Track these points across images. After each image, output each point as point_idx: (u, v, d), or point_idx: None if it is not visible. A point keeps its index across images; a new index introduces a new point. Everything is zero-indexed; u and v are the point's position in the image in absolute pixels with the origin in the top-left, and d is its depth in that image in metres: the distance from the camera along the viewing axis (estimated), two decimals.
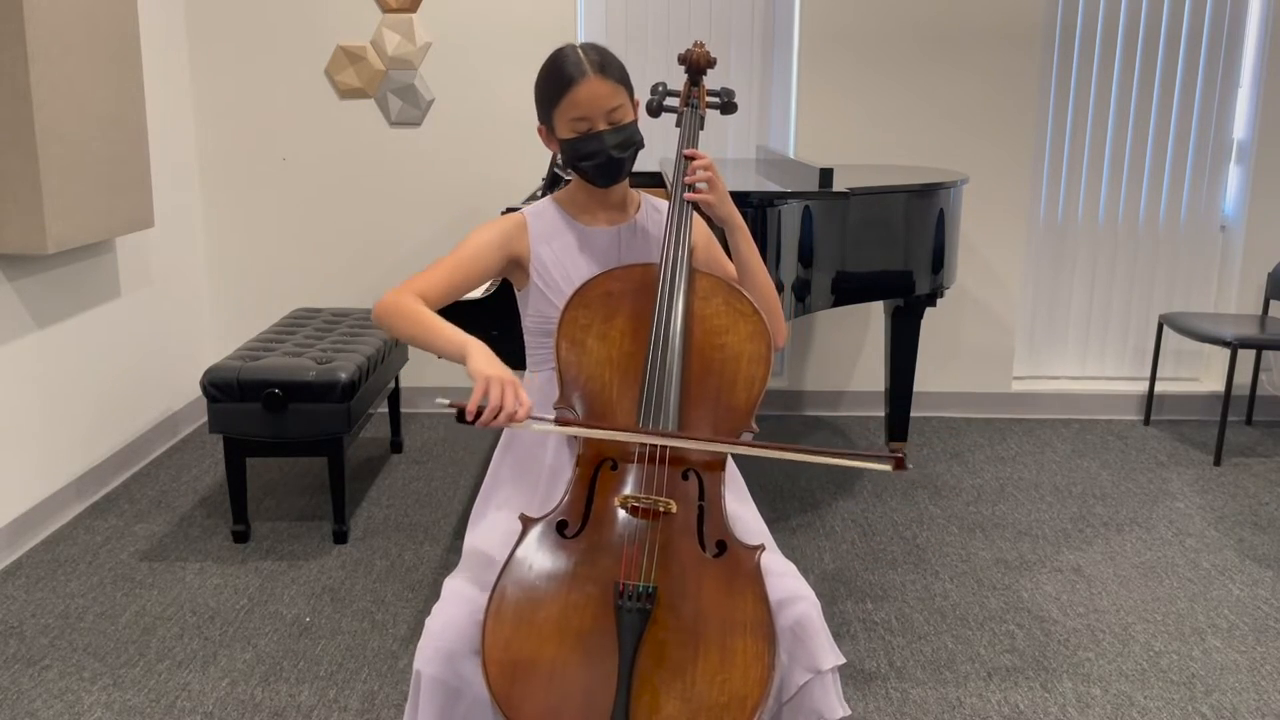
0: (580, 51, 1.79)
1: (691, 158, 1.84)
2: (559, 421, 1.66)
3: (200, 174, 4.41)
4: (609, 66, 1.79)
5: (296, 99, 4.35)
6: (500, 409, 1.58)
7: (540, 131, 1.88)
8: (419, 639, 1.64)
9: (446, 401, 1.62)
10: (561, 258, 1.87)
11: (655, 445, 1.68)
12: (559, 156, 3.40)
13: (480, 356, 1.65)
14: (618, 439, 1.67)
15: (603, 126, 1.79)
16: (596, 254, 1.89)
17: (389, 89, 4.32)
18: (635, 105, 1.85)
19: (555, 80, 1.79)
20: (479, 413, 1.58)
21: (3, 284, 3.10)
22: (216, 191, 4.43)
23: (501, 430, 1.92)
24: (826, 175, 3.17)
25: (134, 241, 3.87)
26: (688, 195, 1.83)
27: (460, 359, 1.67)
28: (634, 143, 1.82)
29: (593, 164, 1.81)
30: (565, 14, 4.27)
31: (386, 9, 4.26)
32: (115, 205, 3.40)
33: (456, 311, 2.68)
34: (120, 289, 3.78)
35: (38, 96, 2.96)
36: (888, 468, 1.61)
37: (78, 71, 3.15)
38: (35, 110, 2.95)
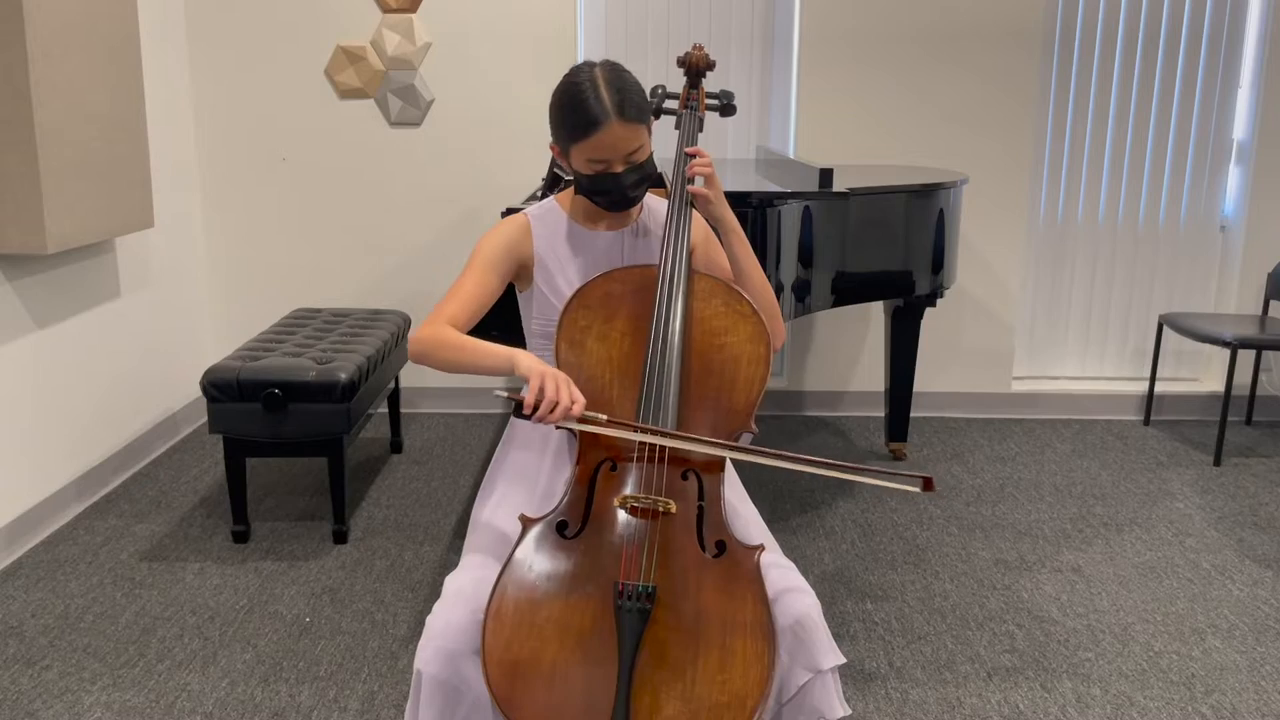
0: (602, 86, 1.74)
1: (692, 155, 1.85)
2: (609, 423, 1.65)
3: (200, 174, 4.41)
4: (629, 106, 1.75)
5: (296, 99, 4.35)
6: (557, 403, 1.59)
7: (553, 149, 1.86)
8: (419, 639, 1.64)
9: (505, 393, 1.65)
10: (565, 260, 1.88)
11: (655, 445, 1.68)
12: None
13: (529, 358, 1.68)
14: (664, 443, 1.66)
15: (620, 169, 1.79)
16: (600, 257, 1.89)
17: (389, 89, 4.32)
18: (651, 132, 1.83)
19: (575, 119, 1.75)
20: (536, 406, 1.59)
21: (3, 284, 3.10)
22: (216, 191, 4.43)
23: (501, 428, 1.92)
24: (826, 175, 3.18)
25: (134, 241, 3.87)
26: (689, 187, 1.84)
27: (509, 369, 1.70)
28: (648, 177, 1.83)
29: (606, 199, 1.83)
30: (565, 14, 4.27)
31: (386, 9, 4.26)
32: (115, 205, 3.40)
33: None
34: (120, 289, 3.78)
35: (38, 96, 2.96)
36: (915, 489, 1.61)
37: (78, 71, 3.15)
38: (35, 110, 2.95)
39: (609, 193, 1.81)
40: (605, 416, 1.65)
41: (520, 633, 1.55)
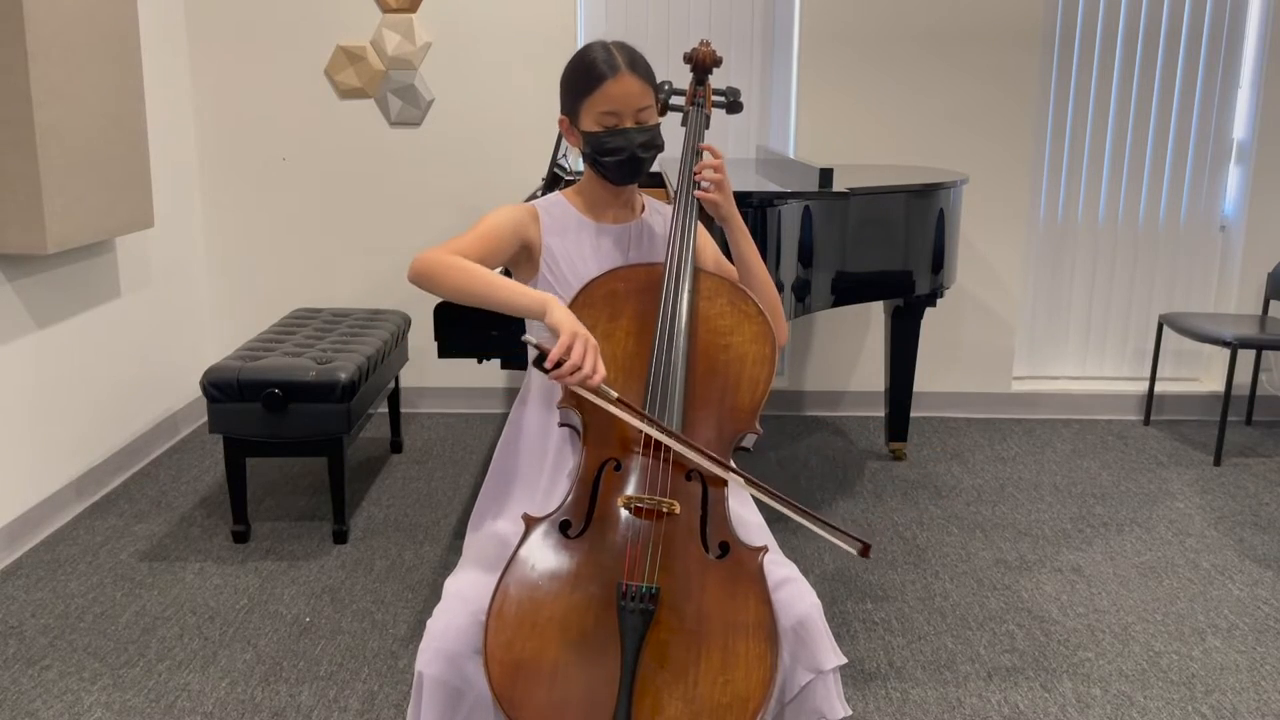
0: (613, 48, 1.80)
1: (700, 153, 1.85)
2: (618, 403, 1.64)
3: (200, 174, 4.41)
4: (640, 66, 1.81)
5: (296, 99, 4.34)
6: (579, 367, 1.58)
7: (562, 123, 1.88)
8: (419, 639, 1.64)
9: (534, 340, 1.61)
10: (571, 252, 1.88)
11: (660, 445, 1.68)
12: (562, 154, 3.40)
13: (563, 308, 1.65)
14: (660, 437, 1.66)
15: (630, 124, 1.80)
16: (605, 250, 1.89)
17: (389, 89, 4.32)
18: (657, 107, 1.86)
19: (587, 73, 1.79)
20: (559, 364, 1.58)
21: (3, 284, 3.10)
22: (216, 191, 4.43)
23: (501, 428, 1.92)
24: (826, 175, 3.18)
25: (134, 241, 3.86)
26: (696, 193, 1.84)
27: (539, 312, 1.66)
28: (656, 144, 1.84)
29: (615, 160, 1.82)
30: (565, 14, 4.27)
31: (386, 9, 4.25)
32: (115, 205, 3.39)
33: (456, 312, 2.68)
34: (120, 289, 3.78)
35: (38, 96, 2.96)
36: (853, 550, 1.62)
37: (78, 71, 3.15)
38: (35, 110, 2.95)
39: (619, 150, 1.80)
40: (616, 394, 1.64)
41: (522, 632, 1.54)
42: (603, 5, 4.38)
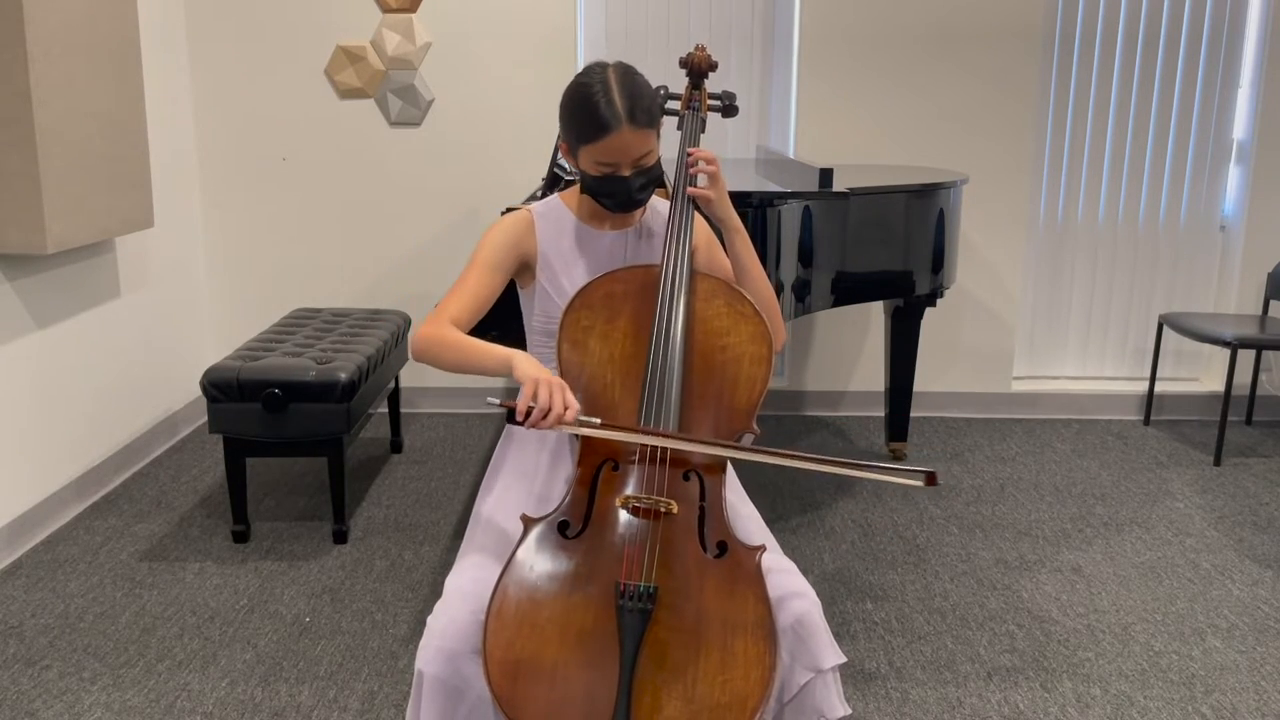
0: (615, 89, 1.73)
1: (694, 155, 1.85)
2: (604, 426, 1.65)
3: (200, 174, 4.41)
4: (640, 111, 1.74)
5: (296, 99, 4.35)
6: (549, 410, 1.59)
7: (562, 147, 1.86)
8: (419, 639, 1.64)
9: (497, 401, 1.64)
10: (568, 258, 1.88)
11: (659, 446, 1.68)
12: (560, 155, 3.40)
13: (526, 362, 1.67)
14: (659, 444, 1.66)
15: (627, 172, 1.78)
16: (602, 256, 1.89)
17: (389, 89, 4.32)
18: (660, 135, 1.82)
19: (586, 121, 1.75)
20: (529, 413, 1.59)
21: (3, 284, 3.10)
22: (216, 191, 4.43)
23: (501, 427, 1.93)
24: (826, 175, 3.18)
25: (134, 241, 3.87)
26: (689, 189, 1.84)
27: (507, 371, 1.69)
28: (654, 181, 1.83)
29: (612, 201, 1.83)
30: (565, 14, 4.27)
31: (386, 9, 4.26)
32: (115, 205, 3.39)
33: None
34: (120, 289, 3.78)
35: (38, 96, 2.96)
36: (919, 483, 1.60)
37: (78, 71, 3.15)
38: (35, 110, 2.95)
39: (615, 195, 1.81)
40: (599, 420, 1.65)
41: (522, 632, 1.55)
42: (602, 5, 4.38)
